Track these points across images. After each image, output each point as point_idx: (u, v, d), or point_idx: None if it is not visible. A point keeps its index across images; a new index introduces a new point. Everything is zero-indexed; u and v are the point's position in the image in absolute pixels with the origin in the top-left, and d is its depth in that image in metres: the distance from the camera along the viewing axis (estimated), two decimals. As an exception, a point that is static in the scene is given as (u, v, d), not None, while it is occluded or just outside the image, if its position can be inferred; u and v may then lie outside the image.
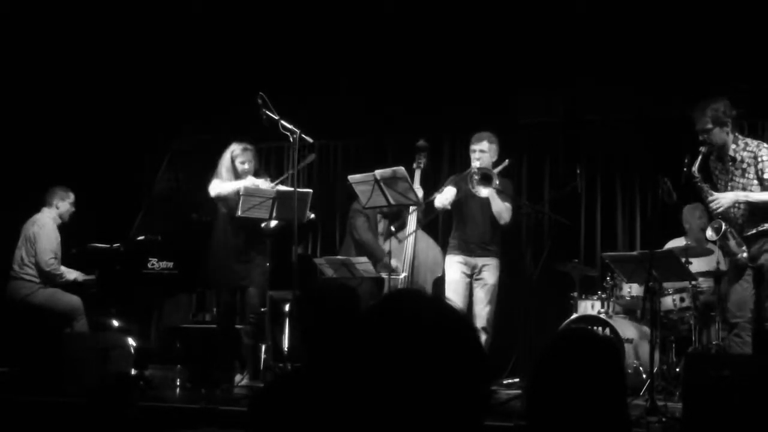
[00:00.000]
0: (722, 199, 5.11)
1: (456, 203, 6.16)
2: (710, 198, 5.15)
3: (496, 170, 6.01)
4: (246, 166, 6.23)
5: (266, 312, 6.42)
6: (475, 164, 6.02)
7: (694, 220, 6.53)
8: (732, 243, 5.16)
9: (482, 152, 6.06)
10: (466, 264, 6.13)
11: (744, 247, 5.15)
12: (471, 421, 1.21)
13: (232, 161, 6.23)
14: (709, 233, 5.25)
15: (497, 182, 5.89)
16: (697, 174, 5.17)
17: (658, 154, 7.07)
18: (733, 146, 5.16)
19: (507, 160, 6.11)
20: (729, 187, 5.18)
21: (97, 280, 6.77)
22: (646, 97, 7.42)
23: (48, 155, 7.97)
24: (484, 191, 5.90)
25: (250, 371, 6.31)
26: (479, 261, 6.12)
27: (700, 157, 5.17)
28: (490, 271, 6.11)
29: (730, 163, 5.18)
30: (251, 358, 6.36)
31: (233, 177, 6.22)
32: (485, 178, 5.89)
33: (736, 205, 5.14)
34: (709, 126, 5.11)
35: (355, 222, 6.61)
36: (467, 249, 6.13)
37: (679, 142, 6.13)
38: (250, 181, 6.13)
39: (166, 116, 8.26)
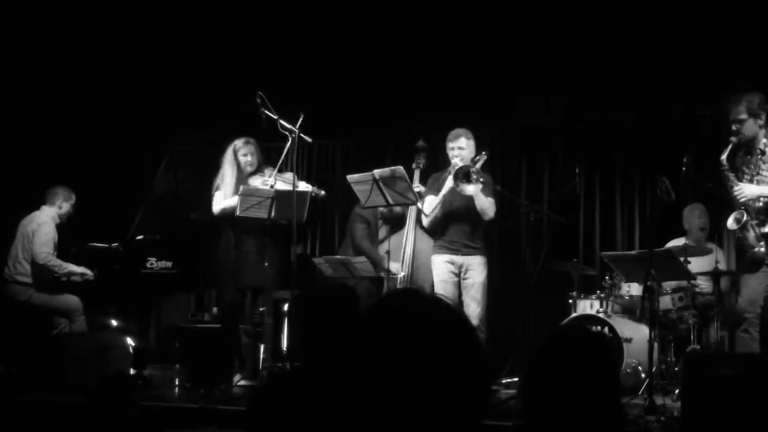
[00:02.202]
0: (746, 189, 5.09)
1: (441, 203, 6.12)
2: (735, 187, 5.12)
3: (477, 165, 5.92)
4: (249, 158, 6.25)
5: (266, 311, 6.42)
6: (455, 161, 5.97)
7: (693, 220, 6.53)
8: (751, 235, 5.12)
9: (461, 149, 6.00)
10: (452, 263, 6.06)
11: (762, 242, 5.12)
12: (471, 420, 1.21)
13: (235, 154, 6.26)
14: (730, 222, 5.18)
15: (476, 177, 5.83)
16: (725, 162, 5.15)
17: (657, 154, 7.07)
18: (764, 140, 5.15)
19: (484, 153, 6.04)
20: (755, 182, 5.15)
21: (96, 280, 6.77)
22: (646, 97, 7.42)
23: (47, 154, 7.96)
24: (469, 189, 5.85)
25: (249, 371, 6.31)
26: (465, 260, 6.04)
27: (730, 146, 5.15)
28: (476, 269, 6.03)
29: (759, 156, 5.15)
30: (250, 358, 6.36)
31: (236, 170, 6.24)
32: (466, 176, 5.86)
33: (761, 199, 5.11)
34: (744, 116, 5.09)
35: (355, 230, 6.59)
36: (452, 248, 6.06)
37: (678, 142, 6.13)
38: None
39: (165, 116, 8.25)
